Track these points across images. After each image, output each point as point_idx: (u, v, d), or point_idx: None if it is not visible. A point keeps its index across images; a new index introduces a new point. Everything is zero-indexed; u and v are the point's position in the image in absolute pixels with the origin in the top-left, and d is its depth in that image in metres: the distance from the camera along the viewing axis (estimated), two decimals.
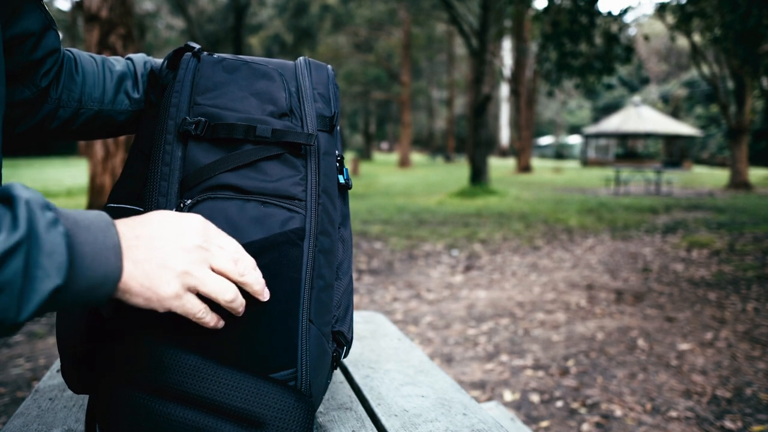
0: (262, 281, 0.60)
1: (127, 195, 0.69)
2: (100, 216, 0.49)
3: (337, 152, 0.75)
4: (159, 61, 0.81)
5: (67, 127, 0.74)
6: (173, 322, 0.60)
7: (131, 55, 0.80)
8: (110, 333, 0.63)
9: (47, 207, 0.43)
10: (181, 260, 0.53)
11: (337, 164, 0.75)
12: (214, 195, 0.65)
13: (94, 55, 0.77)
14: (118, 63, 0.77)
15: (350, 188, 0.79)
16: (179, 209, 0.64)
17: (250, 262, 0.59)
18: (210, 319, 0.56)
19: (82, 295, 0.45)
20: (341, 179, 0.76)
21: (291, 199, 0.66)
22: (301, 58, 0.77)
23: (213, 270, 0.55)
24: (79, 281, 0.44)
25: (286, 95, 0.70)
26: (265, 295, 0.60)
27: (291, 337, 0.63)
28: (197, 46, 0.73)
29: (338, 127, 0.76)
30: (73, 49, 0.75)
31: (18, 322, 0.41)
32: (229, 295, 0.55)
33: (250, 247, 0.62)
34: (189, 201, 0.64)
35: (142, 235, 0.52)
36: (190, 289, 0.53)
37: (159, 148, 0.67)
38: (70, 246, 0.43)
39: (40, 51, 0.66)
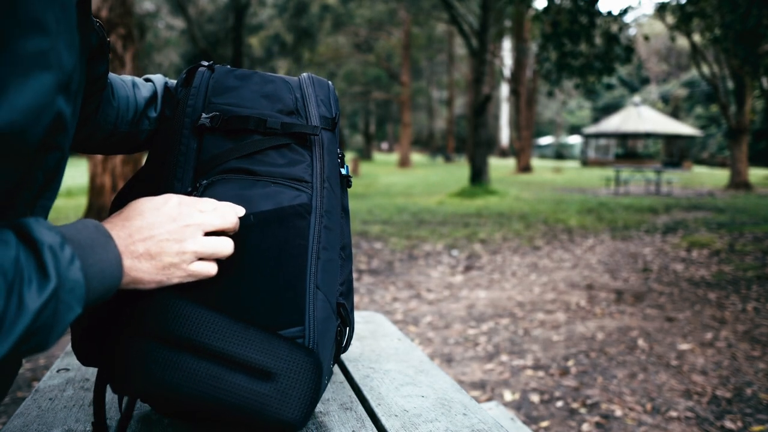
0: (240, 211, 0.65)
1: (134, 196, 0.70)
2: (97, 229, 0.53)
3: (338, 151, 0.81)
4: (173, 81, 0.87)
5: (100, 144, 0.81)
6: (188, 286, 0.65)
7: (151, 77, 0.85)
8: (122, 292, 0.65)
9: (62, 244, 0.46)
10: (176, 244, 0.59)
11: (339, 160, 0.81)
12: (226, 177, 0.70)
13: (125, 78, 0.83)
14: (144, 87, 0.83)
15: (350, 185, 0.84)
16: (195, 190, 0.70)
17: (226, 207, 0.65)
18: (216, 269, 0.63)
19: (93, 303, 0.50)
20: (343, 172, 0.82)
21: (299, 181, 0.72)
22: (304, 74, 0.83)
23: (207, 233, 0.61)
24: (92, 297, 0.50)
25: (292, 98, 0.77)
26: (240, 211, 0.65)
27: (299, 296, 0.67)
28: (211, 63, 0.80)
29: (338, 130, 0.82)
30: (110, 75, 0.80)
31: (46, 348, 0.46)
32: (229, 248, 0.63)
33: (260, 216, 0.67)
34: (204, 181, 0.70)
35: (133, 231, 0.57)
36: (193, 261, 0.60)
37: (176, 141, 0.73)
38: (85, 275, 0.48)
39: (93, 89, 0.72)
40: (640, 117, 27.97)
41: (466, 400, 0.82)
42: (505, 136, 50.87)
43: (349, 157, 31.85)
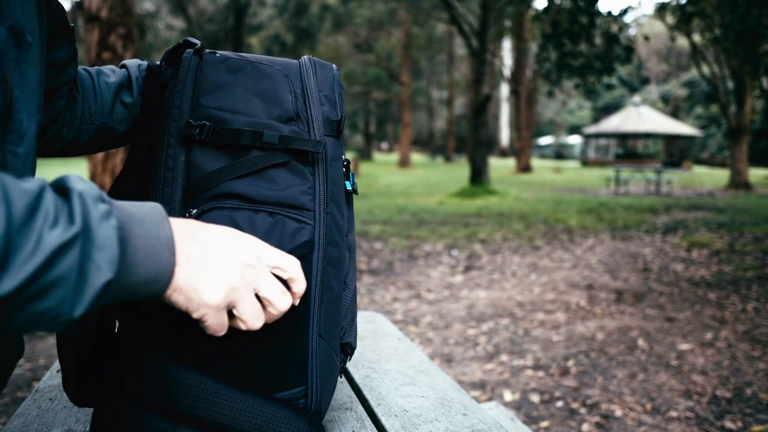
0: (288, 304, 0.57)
1: (125, 193, 0.68)
2: (155, 209, 0.48)
3: (343, 157, 0.74)
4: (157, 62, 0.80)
5: (73, 146, 0.74)
6: (183, 338, 0.59)
7: (125, 62, 0.79)
8: (119, 347, 0.62)
9: (101, 199, 0.42)
10: (235, 274, 0.51)
11: (344, 169, 0.74)
12: (221, 204, 0.63)
13: (89, 68, 0.77)
14: (113, 74, 0.77)
15: (356, 194, 0.77)
16: (184, 218, 0.62)
17: (301, 285, 0.57)
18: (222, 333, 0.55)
19: (135, 289, 0.44)
20: (348, 185, 0.74)
21: (300, 209, 0.65)
22: (305, 57, 0.74)
23: (256, 294, 0.53)
24: (132, 275, 0.43)
25: (292, 98, 0.68)
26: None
27: (301, 354, 0.63)
28: (198, 43, 0.71)
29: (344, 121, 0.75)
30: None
31: (73, 317, 0.40)
32: (258, 325, 0.53)
33: None
34: (195, 210, 0.62)
35: (197, 235, 0.51)
36: (228, 305, 0.51)
37: (162, 152, 0.65)
38: (123, 240, 0.43)
39: (61, 79, 0.69)
40: (640, 117, 27.96)
41: (466, 400, 0.82)
42: (505, 136, 50.86)
43: (349, 157, 31.82)
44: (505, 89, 41.19)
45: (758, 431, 2.19)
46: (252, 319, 0.52)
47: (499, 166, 29.01)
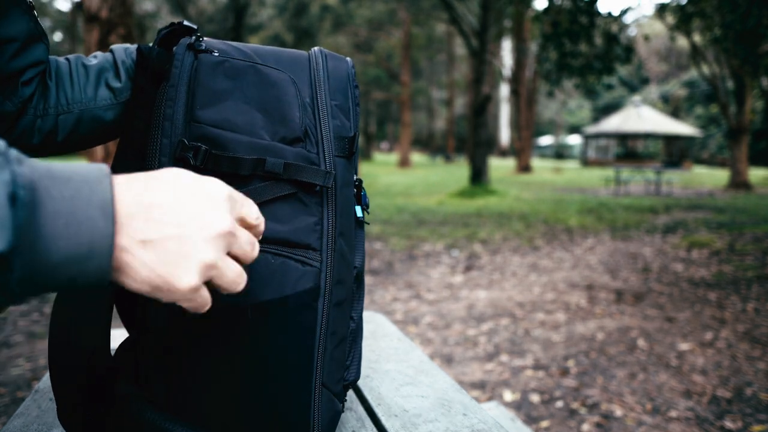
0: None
1: None
2: (94, 168, 0.37)
3: (354, 179, 0.67)
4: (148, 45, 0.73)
5: (52, 139, 0.66)
6: (175, 391, 0.57)
7: (112, 47, 0.72)
8: (108, 396, 0.59)
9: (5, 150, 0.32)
10: (208, 250, 0.41)
11: (355, 191, 0.67)
12: None
13: (69, 56, 0.70)
14: (95, 58, 0.70)
15: (368, 213, 0.71)
16: None
17: (261, 228, 0.49)
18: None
19: (61, 271, 0.34)
20: (359, 212, 0.68)
21: (305, 249, 0.59)
22: (316, 49, 0.66)
23: (229, 254, 0.44)
24: (50, 251, 0.33)
25: (299, 113, 0.60)
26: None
27: (302, 408, 0.59)
28: (195, 28, 0.64)
29: (358, 135, 0.66)
30: (50, 57, 0.69)
31: None
32: (241, 287, 0.45)
33: (259, 309, 0.56)
34: None
35: (153, 204, 0.39)
36: (206, 280, 0.42)
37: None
38: (30, 201, 0.32)
39: (22, 61, 0.61)
40: (640, 117, 27.97)
41: (466, 400, 0.82)
42: (505, 136, 50.86)
43: None
44: (505, 89, 41.18)
45: (758, 431, 2.19)
46: (233, 284, 0.44)
47: (499, 166, 29.01)
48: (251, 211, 0.47)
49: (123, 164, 0.63)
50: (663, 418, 2.29)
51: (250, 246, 0.46)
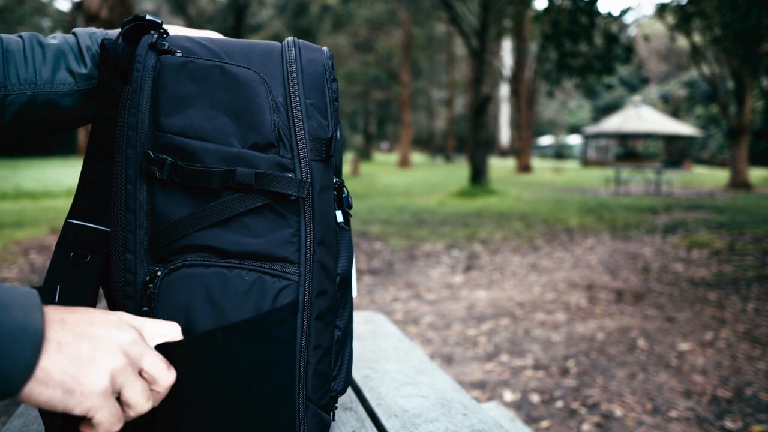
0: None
1: (92, 206, 0.60)
2: (29, 295, 0.41)
3: (335, 181, 0.63)
4: (111, 32, 0.67)
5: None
6: (157, 422, 0.54)
7: (75, 30, 0.66)
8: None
9: None
10: (118, 353, 0.44)
11: (335, 194, 0.63)
12: (190, 261, 0.55)
13: (23, 33, 0.64)
14: (54, 38, 0.64)
15: (350, 215, 0.68)
16: (152, 278, 0.55)
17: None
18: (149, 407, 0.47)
19: None
20: (339, 217, 0.65)
21: (282, 262, 0.57)
22: (290, 40, 0.62)
23: (141, 374, 0.47)
24: None
25: (271, 116, 0.57)
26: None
27: (288, 426, 0.57)
28: (159, 22, 0.60)
29: (339, 132, 0.64)
30: None
31: None
32: (149, 406, 0.47)
33: (236, 329, 0.53)
34: (160, 272, 0.55)
35: (68, 318, 0.43)
36: (116, 390, 0.44)
37: (120, 187, 0.56)
38: None
39: None
40: (640, 117, 27.96)
41: (466, 400, 0.82)
42: (505, 136, 50.86)
43: (348, 157, 31.85)
44: (505, 89, 41.17)
45: (758, 431, 2.19)
46: (142, 401, 0.46)
47: (499, 166, 29.01)
48: (172, 331, 0.51)
49: (93, 168, 0.60)
50: (663, 418, 2.29)
51: (164, 368, 0.48)
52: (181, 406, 0.55)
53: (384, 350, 1.06)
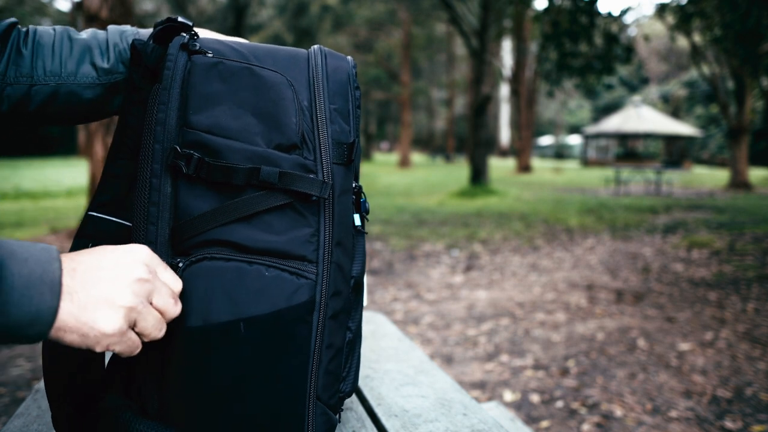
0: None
1: (113, 200, 0.62)
2: (46, 250, 0.44)
3: (354, 185, 0.64)
4: (143, 32, 0.68)
5: (22, 110, 0.63)
6: (167, 409, 0.57)
7: (109, 27, 0.68)
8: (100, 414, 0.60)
9: None
10: (127, 293, 0.47)
11: (354, 197, 0.65)
12: (211, 254, 0.56)
13: (57, 27, 0.66)
14: (85, 33, 0.66)
15: (367, 220, 0.69)
16: (173, 269, 0.56)
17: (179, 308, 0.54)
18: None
19: (11, 331, 0.41)
20: (357, 220, 0.66)
21: (300, 260, 0.58)
22: (316, 47, 0.64)
23: (152, 305, 0.50)
24: (5, 316, 0.40)
25: (296, 118, 0.58)
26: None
27: (297, 423, 0.58)
28: (190, 25, 0.62)
29: (359, 138, 0.65)
30: (32, 26, 0.66)
31: None
32: (161, 334, 0.51)
33: (251, 323, 0.55)
34: (181, 263, 0.56)
35: (79, 266, 0.46)
36: (130, 325, 0.48)
37: (145, 181, 0.58)
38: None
39: None
40: (640, 117, 27.96)
41: (466, 400, 0.82)
42: (505, 136, 50.86)
43: None
44: (505, 89, 41.17)
45: (758, 431, 2.19)
46: (155, 331, 0.50)
47: (499, 166, 29.01)
48: (175, 283, 0.54)
49: (116, 164, 0.62)
50: (663, 418, 2.29)
51: (173, 302, 0.52)
52: (194, 393, 0.56)
53: (384, 350, 1.06)
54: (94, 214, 0.61)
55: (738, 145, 15.18)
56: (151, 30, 0.65)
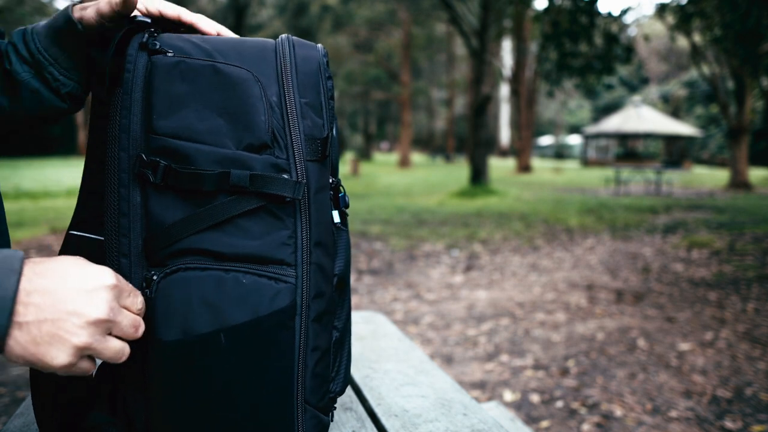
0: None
1: (91, 217, 0.61)
2: (8, 259, 0.42)
3: (331, 180, 0.62)
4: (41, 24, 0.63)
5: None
6: (154, 424, 0.56)
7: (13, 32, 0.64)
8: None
9: None
10: (82, 335, 0.45)
11: (331, 194, 0.63)
12: (186, 265, 0.54)
13: None
14: None
15: (347, 215, 0.67)
16: (148, 282, 0.54)
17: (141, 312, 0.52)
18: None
19: None
20: (336, 217, 0.64)
21: (279, 264, 0.56)
22: (284, 37, 0.61)
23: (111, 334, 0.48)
24: None
25: (265, 115, 0.56)
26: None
27: (287, 429, 0.57)
28: (148, 21, 0.58)
29: (335, 130, 0.63)
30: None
31: None
32: (123, 359, 0.49)
33: (232, 333, 0.53)
34: (156, 276, 0.54)
35: (37, 290, 0.44)
36: (83, 356, 0.46)
37: (113, 191, 0.55)
38: None
39: None
40: (640, 117, 27.96)
41: (466, 400, 0.82)
42: (505, 136, 50.86)
43: (348, 157, 31.84)
44: (505, 89, 41.16)
45: (758, 431, 2.19)
46: (115, 356, 0.48)
47: (499, 166, 29.01)
48: (135, 302, 0.51)
49: (90, 179, 0.61)
50: (663, 418, 2.29)
51: (133, 329, 0.50)
52: (179, 407, 0.55)
53: (384, 350, 1.06)
54: (75, 233, 0.60)
55: (738, 145, 15.18)
56: (60, 14, 0.61)
